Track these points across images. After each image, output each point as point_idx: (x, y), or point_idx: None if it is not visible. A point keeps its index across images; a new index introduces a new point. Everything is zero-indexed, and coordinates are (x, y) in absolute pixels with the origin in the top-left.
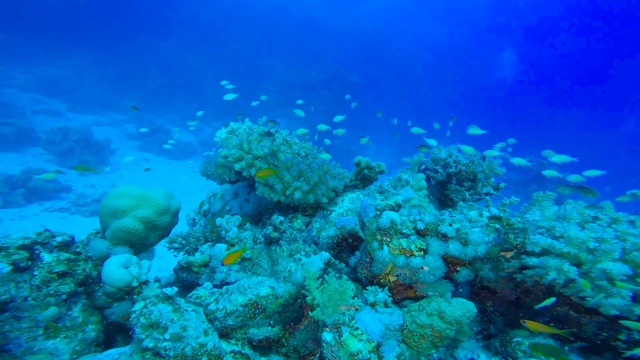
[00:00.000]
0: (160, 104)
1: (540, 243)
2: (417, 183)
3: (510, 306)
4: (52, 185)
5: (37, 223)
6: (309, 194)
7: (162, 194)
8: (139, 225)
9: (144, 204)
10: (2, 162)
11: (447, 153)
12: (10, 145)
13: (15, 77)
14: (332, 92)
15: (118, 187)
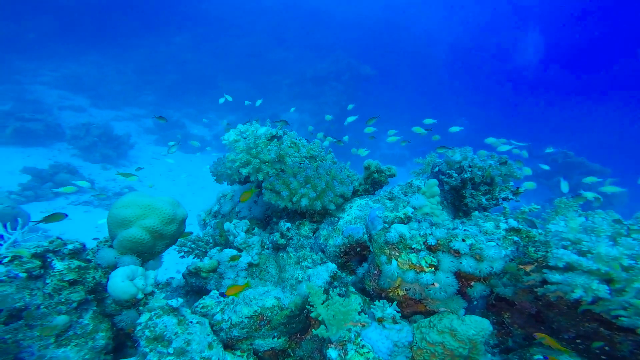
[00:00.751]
0: (176, 98)
1: (565, 259)
2: (429, 189)
3: (531, 319)
4: (77, 179)
5: None
6: (316, 200)
7: (169, 203)
8: (145, 235)
9: (151, 214)
10: (33, 157)
11: (462, 155)
12: (40, 140)
13: (45, 74)
14: (344, 84)
15: (125, 196)
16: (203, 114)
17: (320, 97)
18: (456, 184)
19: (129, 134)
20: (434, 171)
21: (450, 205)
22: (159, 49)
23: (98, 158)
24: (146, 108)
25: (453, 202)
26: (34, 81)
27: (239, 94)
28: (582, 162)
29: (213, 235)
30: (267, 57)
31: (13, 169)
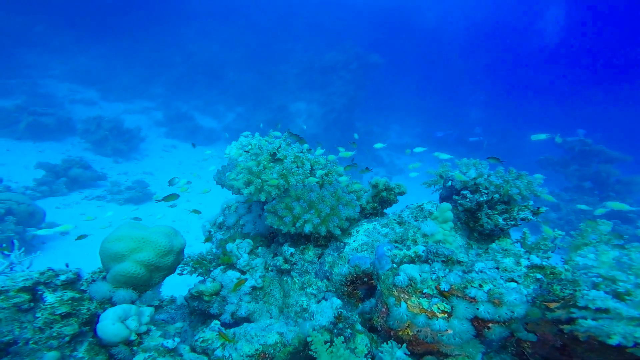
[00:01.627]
0: (185, 90)
1: (599, 303)
2: (442, 215)
3: (555, 351)
4: (90, 174)
5: (78, 212)
6: (321, 226)
7: (165, 234)
8: (140, 269)
9: (145, 247)
10: (47, 152)
11: (478, 172)
12: (53, 135)
13: (54, 67)
14: (353, 74)
15: (118, 228)
16: (211, 105)
17: (329, 86)
18: (471, 206)
19: (140, 127)
20: (447, 185)
21: (464, 226)
22: (167, 41)
23: (110, 152)
24: (155, 100)
25: (467, 222)
26: (44, 75)
27: (247, 85)
28: (601, 150)
29: (216, 253)
30: (274, 47)
31: (28, 163)
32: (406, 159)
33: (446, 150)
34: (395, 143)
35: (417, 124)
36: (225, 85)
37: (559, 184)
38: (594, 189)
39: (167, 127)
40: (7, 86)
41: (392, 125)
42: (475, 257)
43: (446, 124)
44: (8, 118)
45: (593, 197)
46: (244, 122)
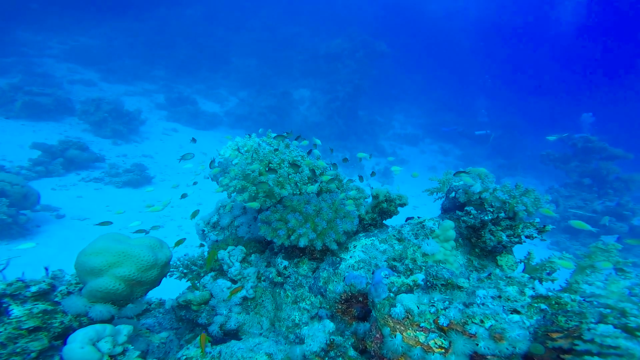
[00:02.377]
0: (188, 73)
1: (609, 342)
2: (444, 233)
3: None
4: (87, 155)
5: (75, 193)
6: (317, 240)
7: (148, 247)
8: (119, 285)
9: (126, 261)
10: (44, 131)
11: (483, 186)
12: (51, 115)
13: (52, 47)
14: (358, 62)
15: (97, 240)
16: (214, 89)
17: (333, 74)
18: (474, 224)
19: (140, 109)
20: (450, 196)
21: (465, 241)
22: (171, 22)
23: (109, 133)
24: (157, 83)
25: (469, 237)
26: (41, 54)
27: (250, 70)
28: (604, 147)
29: (207, 258)
30: (280, 32)
31: (23, 143)
32: (409, 150)
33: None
34: (398, 133)
35: (422, 114)
36: (228, 70)
37: (559, 180)
38: (592, 186)
39: (168, 110)
40: (2, 64)
41: (395, 115)
42: (476, 282)
43: (452, 115)
44: (3, 97)
45: (591, 194)
46: (247, 108)
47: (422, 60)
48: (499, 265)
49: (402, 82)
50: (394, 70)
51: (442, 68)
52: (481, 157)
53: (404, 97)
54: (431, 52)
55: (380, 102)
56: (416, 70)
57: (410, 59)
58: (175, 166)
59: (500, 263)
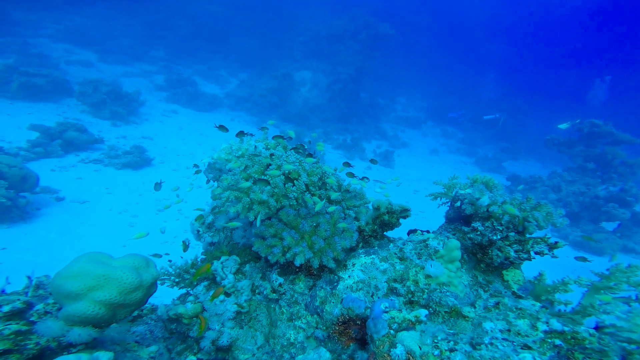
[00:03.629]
0: (187, 54)
1: None
2: (449, 254)
3: None
4: (86, 137)
5: (75, 175)
6: (314, 259)
7: (131, 268)
8: (98, 310)
9: (107, 285)
10: (42, 112)
11: (491, 199)
12: (49, 96)
13: (47, 27)
14: (361, 44)
15: (75, 261)
16: (214, 71)
17: (335, 56)
18: (481, 241)
19: (139, 91)
20: (455, 205)
21: (470, 256)
22: (169, 2)
23: (108, 115)
24: (157, 64)
25: (474, 252)
26: (36, 34)
27: (251, 51)
28: (610, 132)
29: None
30: (282, 12)
31: (21, 124)
32: (411, 133)
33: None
34: (400, 116)
35: (424, 97)
36: (229, 51)
37: (562, 165)
38: (596, 170)
39: (167, 91)
40: None
41: (398, 97)
42: (483, 311)
43: (455, 99)
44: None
45: (595, 179)
46: (247, 89)
47: (426, 42)
48: (505, 280)
49: (405, 64)
50: (397, 53)
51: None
52: (483, 140)
53: (407, 79)
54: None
55: (382, 84)
56: (420, 52)
57: (414, 41)
58: (174, 148)
59: (507, 278)
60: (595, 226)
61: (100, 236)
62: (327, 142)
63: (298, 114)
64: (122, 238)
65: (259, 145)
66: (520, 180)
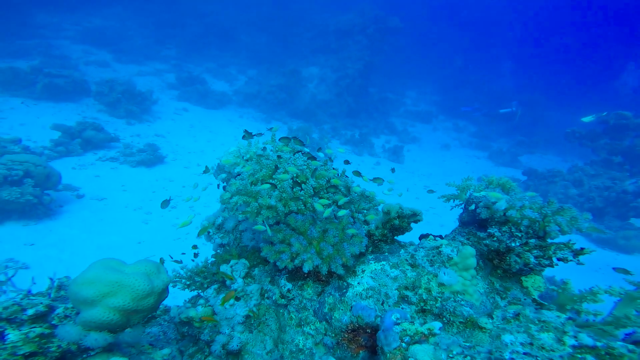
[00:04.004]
0: (198, 52)
1: None
2: (463, 261)
3: None
4: (103, 135)
5: (93, 172)
6: (322, 265)
7: (143, 275)
8: (113, 316)
9: (120, 291)
10: (63, 112)
11: (509, 203)
12: (70, 96)
13: (67, 28)
14: (370, 38)
15: (90, 268)
16: (224, 68)
17: (343, 51)
18: (498, 248)
19: (152, 90)
20: (470, 208)
21: (486, 262)
22: (180, 0)
23: (123, 114)
24: (168, 62)
25: (490, 258)
26: (58, 36)
27: (260, 47)
28: None
29: (210, 270)
30: (290, 8)
31: (45, 123)
32: (421, 127)
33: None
34: (410, 110)
35: (435, 91)
36: (238, 48)
37: (584, 158)
38: (624, 164)
39: (178, 90)
40: (25, 47)
41: (408, 92)
42: (501, 322)
43: (468, 92)
44: (25, 79)
45: (622, 172)
46: (256, 86)
47: (437, 35)
48: (524, 287)
49: (415, 58)
50: (408, 46)
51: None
52: (498, 134)
53: (418, 73)
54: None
55: (391, 79)
56: (431, 45)
57: (425, 33)
58: (186, 145)
59: (526, 284)
60: (623, 222)
61: (117, 233)
62: (335, 138)
63: (306, 110)
64: (137, 235)
65: (267, 147)
66: (537, 174)
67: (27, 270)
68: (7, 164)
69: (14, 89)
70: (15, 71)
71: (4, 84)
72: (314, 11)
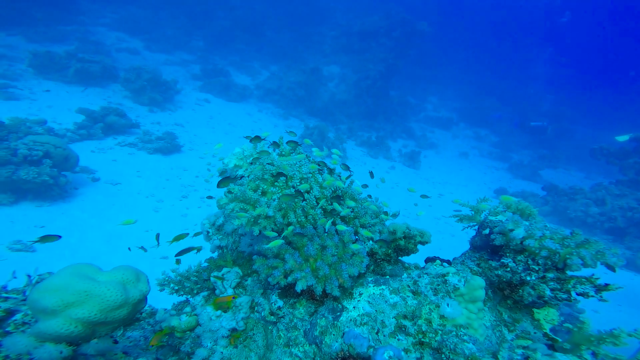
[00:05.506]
0: (223, 45)
1: None
2: (470, 293)
3: None
4: (124, 121)
5: (111, 157)
6: (317, 285)
7: (119, 283)
8: (74, 327)
9: (87, 301)
10: (90, 97)
11: (527, 231)
12: (98, 81)
13: (106, 16)
14: (395, 41)
15: (58, 274)
16: (247, 62)
17: (366, 52)
18: (511, 279)
19: (176, 79)
20: (483, 232)
21: (496, 291)
22: None
23: (146, 101)
24: (195, 54)
25: (501, 288)
26: (96, 23)
27: (283, 43)
28: None
29: (202, 276)
30: (316, 6)
31: (72, 107)
32: (440, 134)
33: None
34: (430, 116)
35: (458, 98)
36: (263, 43)
37: (610, 176)
38: None
39: (202, 81)
40: (63, 32)
41: (429, 97)
42: None
43: (492, 100)
44: (60, 63)
45: None
46: (277, 82)
47: (464, 41)
48: (535, 319)
49: (440, 63)
50: (433, 51)
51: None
52: (519, 146)
53: (441, 78)
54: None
55: (414, 83)
56: (458, 51)
57: (452, 39)
58: (203, 136)
59: (538, 317)
60: None
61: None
62: (350, 139)
63: (324, 109)
64: (146, 223)
65: (273, 153)
66: (557, 190)
67: (33, 253)
68: (29, 144)
69: (47, 73)
70: (51, 55)
71: (39, 68)
72: (339, 11)
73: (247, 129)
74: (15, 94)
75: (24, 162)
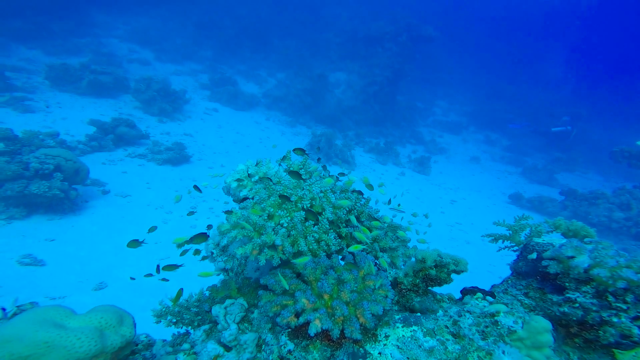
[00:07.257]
0: (231, 54)
1: None
2: (534, 337)
3: None
4: (135, 132)
5: (121, 168)
6: (334, 329)
7: (94, 330)
8: None
9: (47, 355)
10: (102, 108)
11: (594, 259)
12: (111, 93)
13: (118, 27)
14: (401, 46)
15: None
16: (254, 70)
17: (372, 58)
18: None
19: (185, 89)
20: (529, 257)
21: (558, 328)
22: (219, 2)
23: (156, 111)
24: (203, 63)
25: (566, 325)
26: (109, 34)
27: (289, 51)
28: None
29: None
30: (320, 13)
31: (84, 118)
32: (449, 138)
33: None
34: (439, 120)
35: (468, 101)
36: (269, 51)
37: (632, 180)
38: None
39: (210, 90)
40: (78, 45)
41: (438, 101)
42: None
43: (502, 104)
44: (74, 75)
45: None
46: (284, 89)
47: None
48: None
49: (448, 67)
50: (440, 55)
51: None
52: (532, 149)
53: (449, 82)
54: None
55: (421, 87)
56: (465, 54)
57: (460, 42)
58: (212, 146)
59: (620, 358)
60: None
61: (136, 233)
62: (358, 145)
63: (331, 115)
64: (155, 235)
65: (280, 170)
66: (576, 195)
67: (43, 267)
68: (40, 158)
69: (62, 85)
70: (66, 67)
71: (55, 80)
72: (344, 17)
73: (255, 137)
74: (32, 106)
75: (35, 175)
